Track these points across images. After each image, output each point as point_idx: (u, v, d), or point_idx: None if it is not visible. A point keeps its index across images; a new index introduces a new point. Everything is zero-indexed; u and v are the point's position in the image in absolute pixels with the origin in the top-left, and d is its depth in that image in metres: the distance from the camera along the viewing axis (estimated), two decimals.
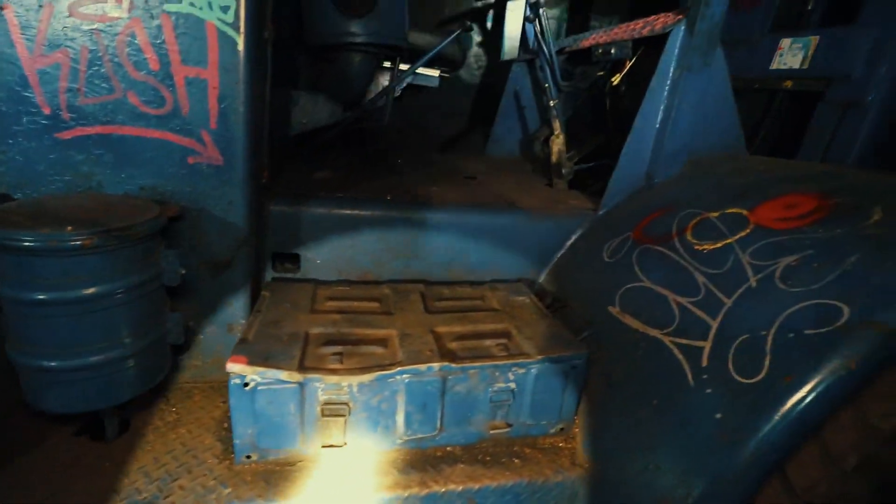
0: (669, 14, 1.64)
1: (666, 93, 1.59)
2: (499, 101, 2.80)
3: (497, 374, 1.19)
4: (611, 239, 1.57)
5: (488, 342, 1.27)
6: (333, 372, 1.09)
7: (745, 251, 1.17)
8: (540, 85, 2.44)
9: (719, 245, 1.24)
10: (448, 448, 1.23)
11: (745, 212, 1.29)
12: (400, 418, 1.16)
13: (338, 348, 1.18)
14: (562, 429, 1.30)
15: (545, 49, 2.17)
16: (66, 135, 1.11)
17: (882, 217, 1.07)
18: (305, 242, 1.53)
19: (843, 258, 1.01)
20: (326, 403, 1.10)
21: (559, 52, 2.25)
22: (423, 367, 1.13)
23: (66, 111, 1.10)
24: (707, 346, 1.07)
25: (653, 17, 1.72)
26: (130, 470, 1.09)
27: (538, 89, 2.65)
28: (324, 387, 1.09)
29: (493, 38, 3.41)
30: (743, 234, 1.22)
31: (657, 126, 1.63)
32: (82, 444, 1.15)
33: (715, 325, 1.09)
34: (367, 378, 1.10)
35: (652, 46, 1.79)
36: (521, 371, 1.21)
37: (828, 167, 1.46)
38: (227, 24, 1.09)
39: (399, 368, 1.12)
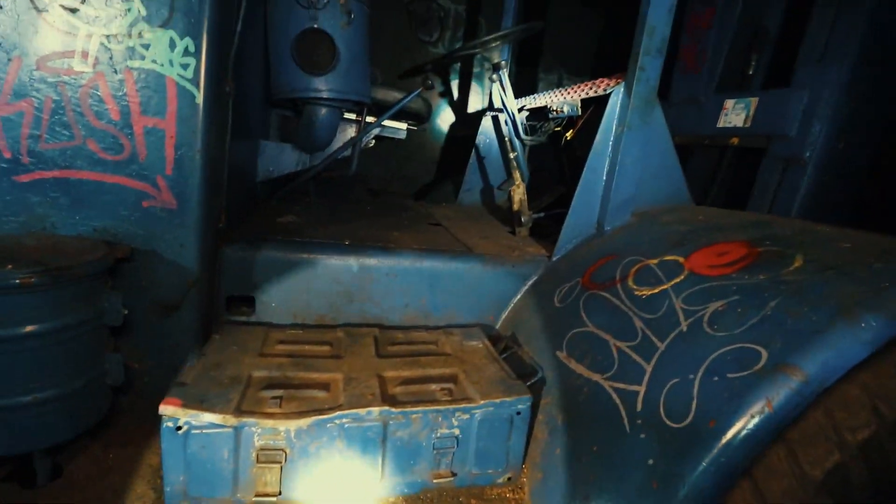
0: (613, 77, 1.79)
1: (609, 148, 1.70)
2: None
3: (440, 419, 1.19)
4: (561, 284, 1.62)
5: (434, 387, 1.27)
6: (270, 416, 1.08)
7: (679, 296, 1.22)
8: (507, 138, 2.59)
9: (656, 290, 1.29)
10: (390, 499, 1.19)
11: (681, 259, 1.35)
12: (339, 466, 1.13)
13: (279, 392, 1.17)
14: (509, 478, 1.27)
15: (507, 106, 2.32)
16: (25, 178, 1.15)
17: (802, 264, 1.14)
18: (260, 286, 1.55)
19: (764, 303, 1.06)
20: (262, 449, 1.08)
21: (520, 109, 2.41)
22: (362, 411, 1.12)
23: (25, 156, 1.14)
24: (642, 390, 1.09)
25: (599, 80, 1.87)
26: None
27: (504, 142, 2.79)
28: (260, 431, 1.07)
29: (462, 89, 3.65)
30: (677, 279, 1.28)
31: (604, 178, 1.73)
32: (10, 490, 1.10)
33: (649, 369, 1.11)
34: (304, 422, 1.09)
35: (601, 105, 1.94)
36: (465, 416, 1.20)
37: (761, 217, 1.55)
38: (187, 79, 1.17)
39: (338, 413, 1.11)
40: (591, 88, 1.87)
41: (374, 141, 2.77)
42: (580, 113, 1.99)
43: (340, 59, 1.77)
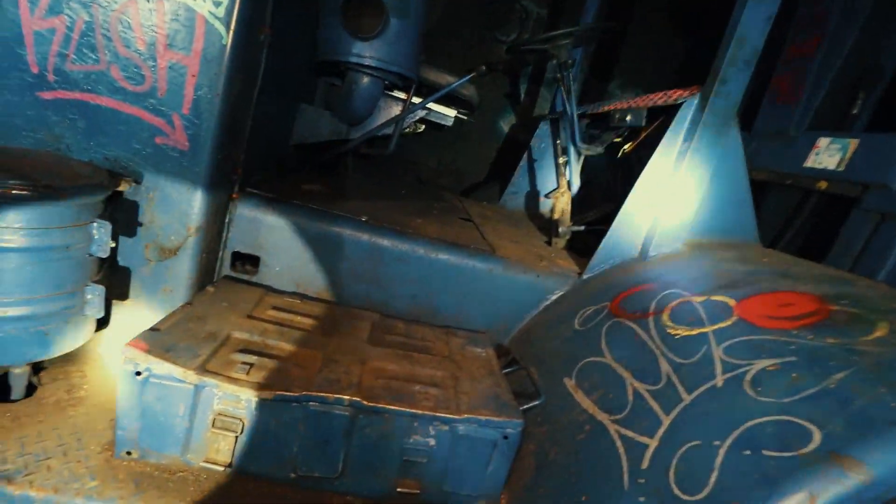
0: (688, 88, 1.58)
1: (671, 164, 1.50)
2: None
3: (416, 424, 1.06)
4: (586, 306, 1.44)
5: (418, 388, 1.14)
6: (234, 381, 1.00)
7: (720, 344, 1.02)
8: (561, 144, 2.41)
9: (694, 332, 1.09)
10: (348, 498, 1.08)
11: (731, 301, 1.14)
12: (297, 449, 1.03)
13: (252, 358, 1.09)
14: None
15: (568, 109, 2.15)
16: (48, 95, 1.14)
17: (885, 334, 0.91)
18: (267, 247, 1.48)
19: (828, 373, 0.85)
20: (220, 414, 1.00)
21: (582, 115, 2.23)
22: (331, 397, 1.02)
23: (51, 73, 1.13)
24: (652, 444, 0.90)
25: (672, 90, 1.66)
26: (9, 438, 1.02)
27: (559, 148, 2.62)
28: (220, 395, 1.00)
29: (530, 92, 3.49)
30: (722, 324, 1.07)
31: (658, 197, 1.52)
32: None
33: (667, 421, 0.93)
34: (267, 395, 1.00)
35: (670, 118, 1.73)
36: (444, 427, 1.07)
37: (840, 273, 1.30)
38: (217, 17, 1.11)
39: (305, 393, 1.01)
40: (660, 98, 1.66)
41: (422, 126, 2.67)
42: (644, 124, 1.79)
43: (389, 27, 1.68)
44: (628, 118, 1.83)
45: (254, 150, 1.51)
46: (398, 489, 1.08)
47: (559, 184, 2.10)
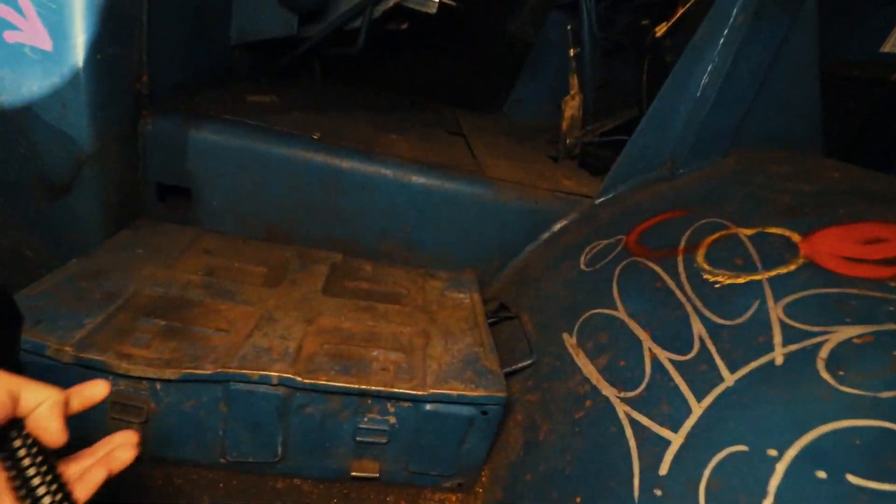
0: None
1: (719, 46, 1.10)
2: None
3: (369, 402, 0.84)
4: (597, 240, 1.14)
5: (376, 353, 0.91)
6: (125, 358, 0.77)
7: (781, 300, 0.73)
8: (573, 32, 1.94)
9: (741, 280, 0.80)
10: (295, 481, 0.91)
11: (795, 236, 0.83)
12: (223, 433, 0.84)
13: (160, 323, 0.86)
14: (459, 484, 0.94)
15: None
16: None
17: None
18: (199, 177, 1.19)
19: None
20: (117, 400, 0.79)
21: None
22: (253, 374, 0.79)
23: None
24: (676, 441, 0.66)
25: None
26: None
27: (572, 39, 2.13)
28: (113, 378, 0.78)
29: None
30: (783, 269, 0.78)
31: (697, 94, 1.14)
32: None
33: (698, 411, 0.67)
34: (170, 374, 0.78)
35: None
36: (406, 405, 0.85)
37: None
38: None
39: (219, 370, 0.78)
40: None
41: (404, 24, 2.17)
42: None
43: None
44: None
45: (165, 50, 1.16)
46: (353, 473, 0.89)
47: (570, 85, 1.69)
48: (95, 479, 0.42)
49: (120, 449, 0.44)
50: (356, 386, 0.81)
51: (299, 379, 0.80)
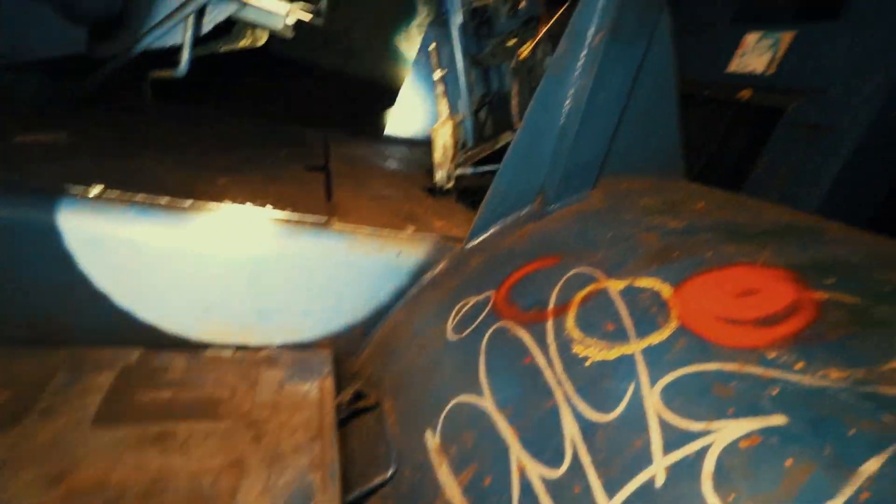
0: None
1: (577, 71, 1.00)
2: None
3: None
4: (466, 296, 0.97)
5: None
6: None
7: (657, 382, 0.60)
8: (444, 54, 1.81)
9: (613, 355, 0.67)
10: None
11: (666, 289, 0.72)
12: None
13: None
14: None
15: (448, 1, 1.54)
16: None
17: None
18: None
19: (850, 459, 0.46)
20: None
21: (471, 9, 1.62)
22: None
23: None
24: None
25: None
26: None
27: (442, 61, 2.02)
28: None
29: None
30: (657, 337, 0.65)
31: (561, 120, 1.04)
32: None
33: None
34: None
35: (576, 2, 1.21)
36: None
37: (799, 218, 0.92)
38: None
39: None
40: None
41: (263, 36, 1.88)
42: (542, 12, 1.25)
43: None
44: (521, 4, 1.27)
45: None
46: None
47: (439, 111, 1.54)
48: None
49: None
50: None
51: None
